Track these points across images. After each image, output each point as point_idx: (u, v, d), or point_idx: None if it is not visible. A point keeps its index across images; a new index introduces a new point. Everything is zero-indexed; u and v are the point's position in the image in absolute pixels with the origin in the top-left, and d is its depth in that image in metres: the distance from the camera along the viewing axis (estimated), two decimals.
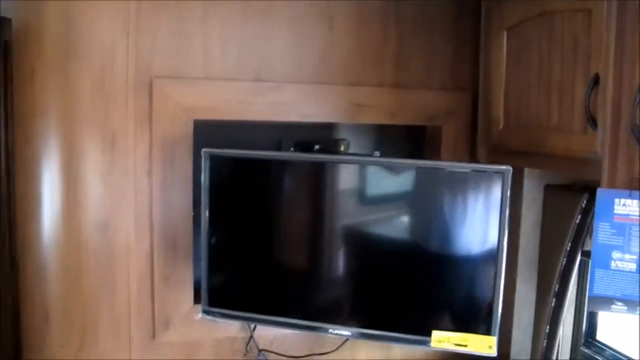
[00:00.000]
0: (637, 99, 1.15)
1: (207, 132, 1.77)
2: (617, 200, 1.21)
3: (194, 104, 1.73)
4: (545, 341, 1.74)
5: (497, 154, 1.79)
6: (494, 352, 1.48)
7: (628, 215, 1.20)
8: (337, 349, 1.83)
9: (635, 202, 1.19)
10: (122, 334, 1.77)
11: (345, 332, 1.60)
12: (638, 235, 1.20)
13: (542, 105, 1.53)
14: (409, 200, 1.63)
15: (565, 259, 1.64)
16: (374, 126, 2.03)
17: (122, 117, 1.70)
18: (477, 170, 1.52)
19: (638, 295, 1.21)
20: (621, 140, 1.23)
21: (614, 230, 1.22)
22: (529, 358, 1.84)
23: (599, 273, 1.25)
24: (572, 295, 1.79)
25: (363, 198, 1.65)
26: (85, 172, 1.70)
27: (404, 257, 1.62)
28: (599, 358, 1.74)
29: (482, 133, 1.85)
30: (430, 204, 1.59)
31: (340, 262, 1.69)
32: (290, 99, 1.80)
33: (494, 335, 1.46)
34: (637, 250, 1.20)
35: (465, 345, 1.48)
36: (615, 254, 1.23)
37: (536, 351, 1.78)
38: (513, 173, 1.93)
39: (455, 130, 1.92)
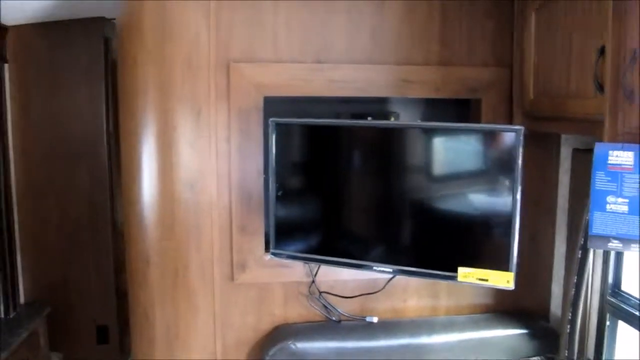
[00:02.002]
0: (627, 66, 1.35)
1: (275, 108, 2.09)
2: (611, 152, 1.40)
3: (264, 82, 2.05)
4: (574, 290, 1.94)
5: (530, 121, 2.00)
6: (511, 286, 1.71)
7: (620, 164, 1.39)
8: (383, 288, 2.11)
9: (626, 153, 1.38)
10: (206, 275, 2.12)
11: (387, 269, 1.89)
12: (629, 181, 1.40)
13: (563, 75, 1.74)
14: (442, 158, 1.89)
15: (587, 215, 1.83)
16: (421, 100, 2.26)
17: (205, 93, 2.04)
18: (495, 131, 1.75)
19: (631, 233, 1.41)
20: (619, 101, 1.43)
21: (608, 178, 1.42)
22: None
23: (596, 215, 1.45)
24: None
25: (406, 161, 1.94)
26: (177, 139, 2.05)
27: (439, 208, 1.88)
28: (624, 306, 1.89)
29: (516, 103, 2.07)
30: (459, 162, 1.85)
31: (385, 213, 1.97)
32: (346, 77, 2.08)
33: (512, 271, 1.69)
34: (628, 194, 1.40)
35: (487, 280, 1.72)
36: (610, 198, 1.43)
37: (566, 300, 1.97)
38: (550, 140, 2.13)
39: (494, 102, 2.13)
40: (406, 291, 2.22)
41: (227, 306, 2.16)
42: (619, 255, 1.97)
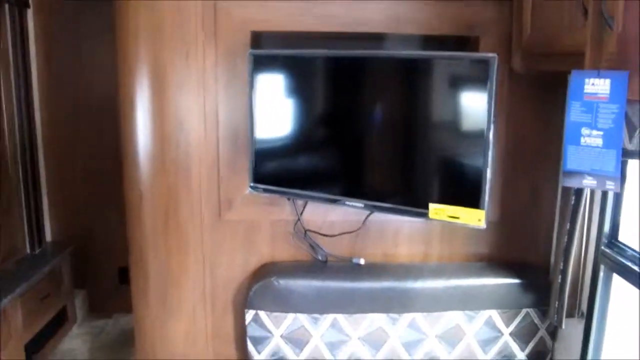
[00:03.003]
0: None
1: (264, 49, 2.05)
2: (587, 80, 1.29)
3: (251, 18, 2.01)
4: (566, 237, 1.85)
5: (528, 60, 1.89)
6: (483, 225, 1.64)
7: (596, 93, 1.28)
8: (361, 226, 2.08)
9: (603, 80, 1.27)
10: (195, 212, 2.15)
11: (358, 204, 1.86)
12: (604, 112, 1.29)
13: (557, 7, 1.62)
14: (416, 90, 1.82)
15: None
16: (417, 39, 2.17)
17: (193, 33, 2.02)
18: (470, 59, 1.67)
19: (605, 169, 1.31)
20: (601, 28, 1.32)
21: (583, 108, 1.31)
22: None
23: (571, 149, 1.36)
24: (598, 197, 1.87)
25: (379, 94, 1.89)
26: (167, 79, 2.05)
27: (412, 143, 1.84)
28: (619, 258, 1.78)
29: (515, 40, 1.94)
30: (434, 94, 1.78)
31: (358, 148, 1.95)
32: (336, 12, 2.01)
33: (483, 209, 1.62)
34: (603, 126, 1.29)
35: (458, 218, 1.66)
36: (585, 131, 1.33)
37: (559, 249, 1.89)
38: (556, 85, 2.02)
39: (493, 41, 2.00)
40: (397, 236, 2.18)
41: (216, 244, 2.18)
42: (617, 203, 1.86)
